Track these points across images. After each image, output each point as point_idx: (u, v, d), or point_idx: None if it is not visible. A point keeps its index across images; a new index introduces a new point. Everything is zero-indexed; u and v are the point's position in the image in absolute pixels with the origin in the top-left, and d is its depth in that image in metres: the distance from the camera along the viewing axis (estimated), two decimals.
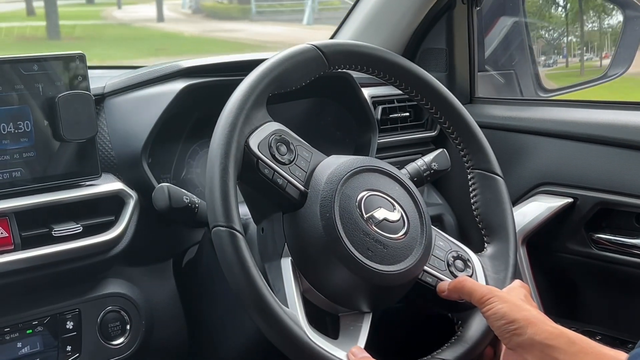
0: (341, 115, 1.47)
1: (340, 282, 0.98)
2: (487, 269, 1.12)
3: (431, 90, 1.15)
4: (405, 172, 1.19)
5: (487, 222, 1.16)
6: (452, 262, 1.09)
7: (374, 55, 1.11)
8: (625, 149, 1.37)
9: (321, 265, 0.98)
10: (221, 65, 1.32)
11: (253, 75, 0.99)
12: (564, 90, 1.95)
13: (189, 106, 1.27)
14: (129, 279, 1.26)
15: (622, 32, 1.89)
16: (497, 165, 1.17)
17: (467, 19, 1.70)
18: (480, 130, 1.18)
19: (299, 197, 0.98)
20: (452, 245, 1.12)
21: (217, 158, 0.92)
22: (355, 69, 1.10)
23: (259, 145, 0.97)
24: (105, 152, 1.24)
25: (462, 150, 1.18)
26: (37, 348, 1.15)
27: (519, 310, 0.94)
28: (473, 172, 1.17)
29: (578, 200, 1.43)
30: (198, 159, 1.38)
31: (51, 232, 1.09)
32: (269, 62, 1.01)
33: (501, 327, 0.94)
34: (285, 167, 0.98)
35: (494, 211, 1.15)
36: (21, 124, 1.10)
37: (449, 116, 1.16)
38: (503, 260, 1.13)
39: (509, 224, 1.15)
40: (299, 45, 1.05)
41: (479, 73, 1.75)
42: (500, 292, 0.98)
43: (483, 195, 1.16)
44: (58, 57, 1.13)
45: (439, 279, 1.06)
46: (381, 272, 0.97)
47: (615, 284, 1.42)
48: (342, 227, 0.96)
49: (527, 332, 0.91)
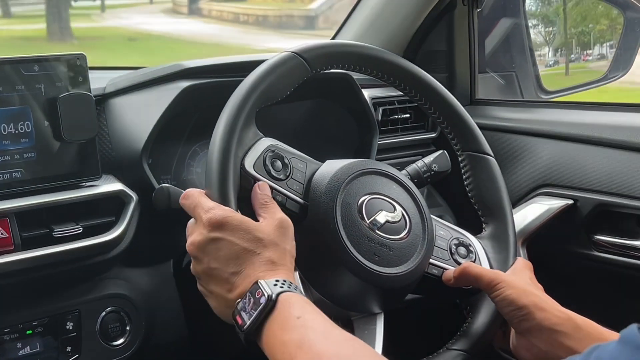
0: (342, 116, 1.47)
1: (351, 290, 0.98)
2: (489, 251, 1.12)
3: (412, 77, 1.15)
4: (405, 173, 1.19)
5: (483, 203, 1.16)
6: (455, 250, 1.09)
7: (353, 52, 1.10)
8: (625, 151, 1.37)
9: (330, 276, 0.98)
10: (222, 66, 1.32)
11: (238, 94, 0.98)
12: (564, 92, 1.95)
13: (189, 107, 1.27)
14: (129, 279, 1.26)
15: (622, 34, 1.90)
16: (486, 145, 1.17)
17: (468, 21, 1.70)
18: (466, 112, 1.17)
19: (300, 211, 0.98)
20: (452, 232, 1.12)
21: (216, 186, 0.92)
22: (338, 67, 1.10)
23: (254, 166, 0.97)
24: (106, 152, 1.24)
25: (450, 134, 1.17)
26: (37, 349, 1.15)
27: (527, 295, 0.95)
28: (463, 154, 1.17)
29: (578, 202, 1.43)
30: (198, 159, 1.38)
31: (51, 233, 1.09)
32: (252, 79, 1.00)
33: (510, 313, 0.96)
34: (282, 182, 0.98)
35: (488, 191, 1.15)
36: (22, 125, 1.10)
37: (429, 98, 1.16)
38: (503, 239, 1.13)
39: (504, 201, 1.15)
40: (279, 55, 1.03)
41: (480, 75, 1.75)
42: (507, 277, 0.99)
43: (476, 176, 1.16)
44: (59, 57, 1.13)
45: (443, 269, 1.06)
46: (390, 275, 0.97)
47: (616, 285, 1.42)
48: (347, 236, 0.96)
49: (535, 318, 0.93)
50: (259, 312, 0.80)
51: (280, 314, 0.80)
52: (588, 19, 2.14)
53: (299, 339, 0.77)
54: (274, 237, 0.88)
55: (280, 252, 0.88)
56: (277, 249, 0.87)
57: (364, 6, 1.75)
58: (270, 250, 0.87)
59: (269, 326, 0.80)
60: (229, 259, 0.86)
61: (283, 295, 0.81)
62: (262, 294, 0.81)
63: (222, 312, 0.89)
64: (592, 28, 2.13)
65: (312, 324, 0.79)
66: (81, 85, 1.15)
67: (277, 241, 0.88)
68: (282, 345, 0.78)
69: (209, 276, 0.88)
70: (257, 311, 0.80)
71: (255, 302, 0.81)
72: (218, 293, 0.87)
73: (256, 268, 0.85)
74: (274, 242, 0.87)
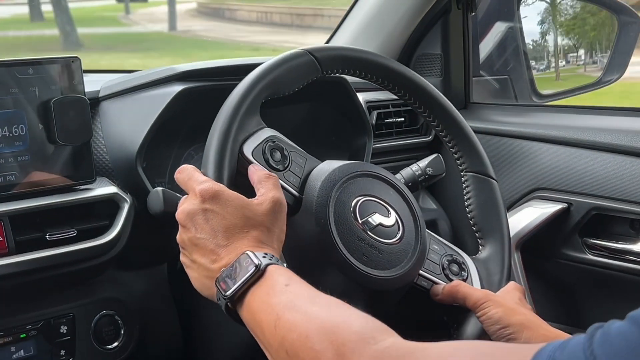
0: (336, 120, 1.47)
1: (336, 288, 0.98)
2: (482, 272, 1.12)
3: (424, 94, 1.15)
4: (400, 177, 1.19)
5: (481, 225, 1.16)
6: (447, 266, 1.09)
7: (367, 59, 1.11)
8: (620, 155, 1.38)
9: (317, 271, 0.97)
10: (217, 69, 1.32)
11: (246, 81, 0.99)
12: (559, 96, 1.95)
13: (184, 110, 1.27)
14: (123, 283, 1.26)
15: (616, 38, 1.90)
16: (490, 168, 1.17)
17: (462, 24, 1.70)
18: (473, 133, 1.18)
19: (294, 203, 0.98)
20: (446, 248, 1.12)
21: (212, 164, 0.92)
22: (349, 73, 1.10)
23: (253, 152, 0.97)
24: (100, 156, 1.24)
25: (456, 153, 1.18)
26: (30, 352, 1.15)
27: (513, 314, 0.94)
28: (467, 175, 1.17)
29: (572, 206, 1.43)
30: (193, 163, 1.37)
31: (45, 236, 1.09)
32: (262, 68, 1.00)
33: (496, 332, 0.94)
34: (279, 173, 0.98)
35: (488, 214, 1.15)
36: (16, 128, 1.10)
37: (443, 120, 1.16)
38: (497, 263, 1.13)
39: (503, 226, 1.15)
40: (292, 51, 1.04)
41: (474, 78, 1.76)
42: (494, 296, 0.98)
43: (477, 198, 1.16)
44: (53, 60, 1.13)
45: (434, 282, 1.06)
46: (376, 277, 0.97)
47: (610, 289, 1.42)
48: (337, 233, 0.96)
49: (522, 337, 0.92)
50: (246, 278, 0.80)
51: (268, 282, 0.80)
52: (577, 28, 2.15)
53: (287, 301, 0.77)
54: (265, 219, 0.88)
55: (269, 234, 0.88)
56: (265, 230, 0.87)
57: (359, 9, 1.75)
58: (258, 230, 0.87)
59: (254, 291, 0.80)
60: (217, 231, 0.86)
61: (271, 266, 0.81)
62: (250, 263, 0.80)
63: (202, 284, 0.87)
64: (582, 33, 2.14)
65: (300, 291, 0.79)
66: (75, 88, 1.15)
67: (267, 224, 0.88)
68: (269, 307, 0.77)
69: (194, 245, 0.87)
70: (244, 277, 0.80)
71: (242, 270, 0.81)
72: (201, 263, 0.87)
73: (244, 243, 0.85)
74: (264, 224, 0.87)
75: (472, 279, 1.10)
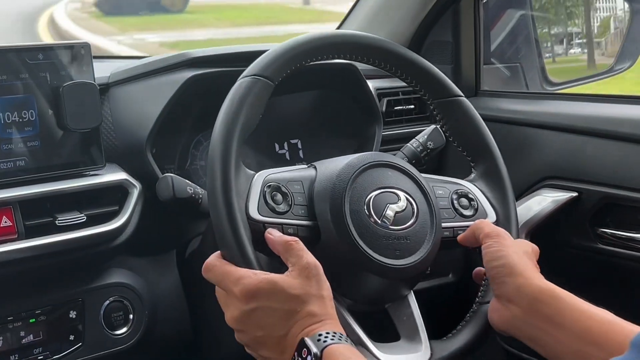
0: (346, 107, 1.47)
1: (380, 287, 0.99)
2: (485, 190, 1.12)
3: (367, 46, 1.10)
4: (402, 155, 1.19)
5: (465, 144, 1.14)
6: (457, 204, 1.08)
7: (301, 50, 1.04)
8: (630, 143, 1.37)
9: (360, 284, 0.98)
10: (226, 56, 1.31)
11: (219, 143, 0.93)
12: (570, 84, 1.94)
13: (193, 96, 1.27)
14: (132, 269, 1.26)
15: (628, 26, 1.89)
16: (454, 87, 1.14)
17: (474, 12, 1.69)
18: (428, 63, 1.14)
19: (312, 233, 0.97)
20: (448, 185, 1.11)
21: (233, 246, 0.90)
22: (295, 69, 1.04)
23: (258, 210, 0.94)
24: (110, 141, 1.24)
25: (417, 86, 1.14)
26: (40, 337, 1.15)
27: (515, 257, 0.94)
28: (434, 104, 1.14)
29: (583, 195, 1.42)
30: (202, 149, 1.37)
31: (55, 222, 1.10)
32: (226, 120, 0.95)
33: (494, 269, 0.95)
34: (288, 214, 0.96)
35: (466, 130, 1.13)
36: (26, 113, 1.10)
37: (395, 63, 1.12)
38: (495, 175, 1.12)
39: (486, 137, 1.13)
40: (241, 83, 0.98)
41: (485, 66, 1.75)
42: (506, 237, 0.99)
43: (451, 121, 1.14)
44: (63, 46, 1.13)
45: (453, 228, 1.06)
46: (412, 264, 0.97)
47: (620, 278, 1.42)
48: (367, 245, 0.95)
49: (516, 282, 0.92)
50: None
51: None
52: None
53: None
54: (309, 289, 0.87)
55: (320, 301, 0.87)
56: (315, 299, 0.86)
57: None
58: (309, 304, 0.86)
59: None
60: (273, 324, 0.86)
61: (327, 349, 0.81)
62: (307, 353, 0.82)
63: None
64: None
65: None
66: (85, 74, 1.15)
67: (312, 292, 0.87)
68: None
69: (258, 344, 0.88)
70: None
71: None
72: (271, 357, 0.88)
73: (301, 325, 0.85)
74: (311, 294, 0.86)
75: (480, 202, 1.10)
